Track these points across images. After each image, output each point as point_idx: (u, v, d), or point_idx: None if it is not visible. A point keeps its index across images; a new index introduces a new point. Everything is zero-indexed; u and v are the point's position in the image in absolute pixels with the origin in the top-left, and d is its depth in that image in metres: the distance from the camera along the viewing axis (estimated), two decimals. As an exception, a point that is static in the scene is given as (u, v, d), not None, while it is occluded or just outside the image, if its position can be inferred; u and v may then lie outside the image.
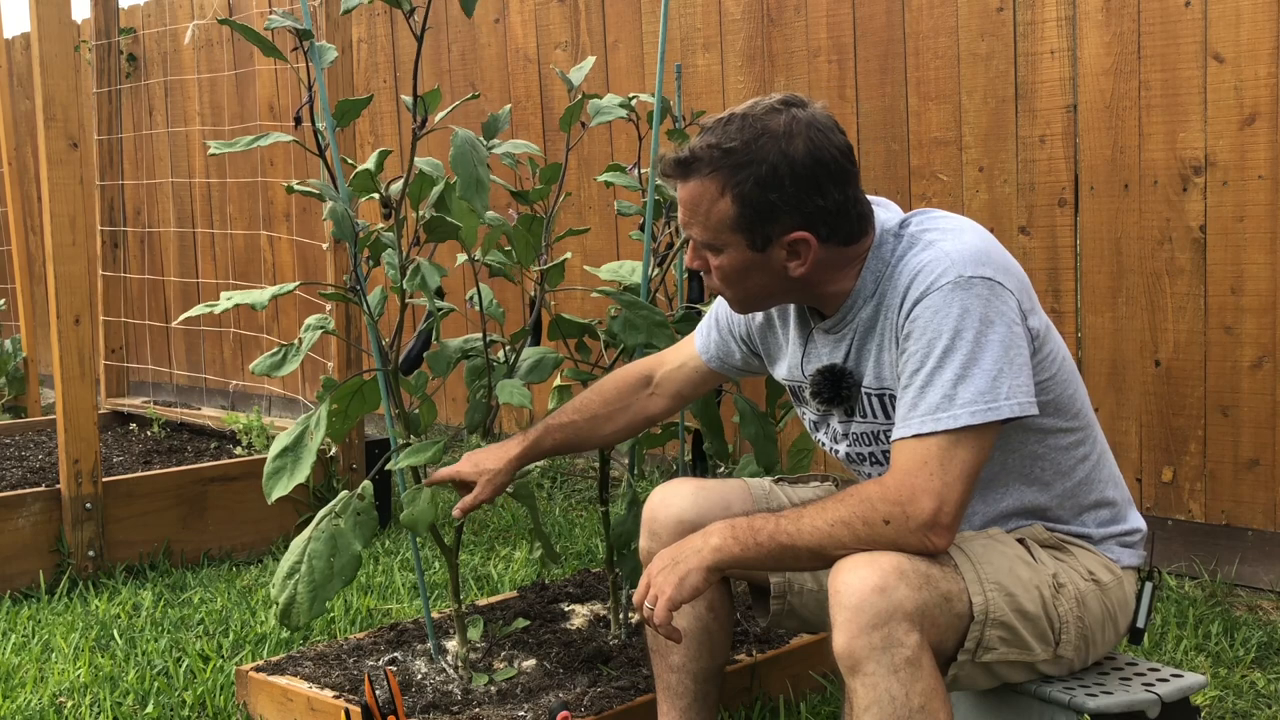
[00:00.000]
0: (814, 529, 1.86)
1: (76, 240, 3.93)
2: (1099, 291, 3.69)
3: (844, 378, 2.05)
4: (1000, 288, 1.88)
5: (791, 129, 1.91)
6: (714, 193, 1.94)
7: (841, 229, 1.96)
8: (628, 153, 4.57)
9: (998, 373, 1.84)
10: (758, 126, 1.92)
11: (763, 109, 1.94)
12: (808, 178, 1.91)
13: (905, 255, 1.96)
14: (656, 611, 1.90)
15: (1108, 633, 2.03)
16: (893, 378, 1.97)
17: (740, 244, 1.96)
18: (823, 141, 1.92)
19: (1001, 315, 1.86)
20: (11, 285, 6.28)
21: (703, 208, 1.96)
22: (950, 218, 2.01)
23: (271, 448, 2.55)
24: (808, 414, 2.18)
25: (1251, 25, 3.37)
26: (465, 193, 2.36)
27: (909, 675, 1.75)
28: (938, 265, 1.90)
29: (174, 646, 3.27)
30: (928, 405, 1.85)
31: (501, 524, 4.47)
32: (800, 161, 1.90)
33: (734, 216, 1.94)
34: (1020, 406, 1.85)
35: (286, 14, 2.55)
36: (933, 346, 1.86)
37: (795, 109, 1.94)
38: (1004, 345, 1.85)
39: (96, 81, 5.78)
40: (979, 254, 1.90)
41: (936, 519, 1.81)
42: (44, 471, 4.60)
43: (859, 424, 2.06)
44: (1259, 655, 3.06)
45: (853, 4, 4.15)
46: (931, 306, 1.87)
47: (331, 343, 4.51)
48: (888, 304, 1.96)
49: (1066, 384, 2.01)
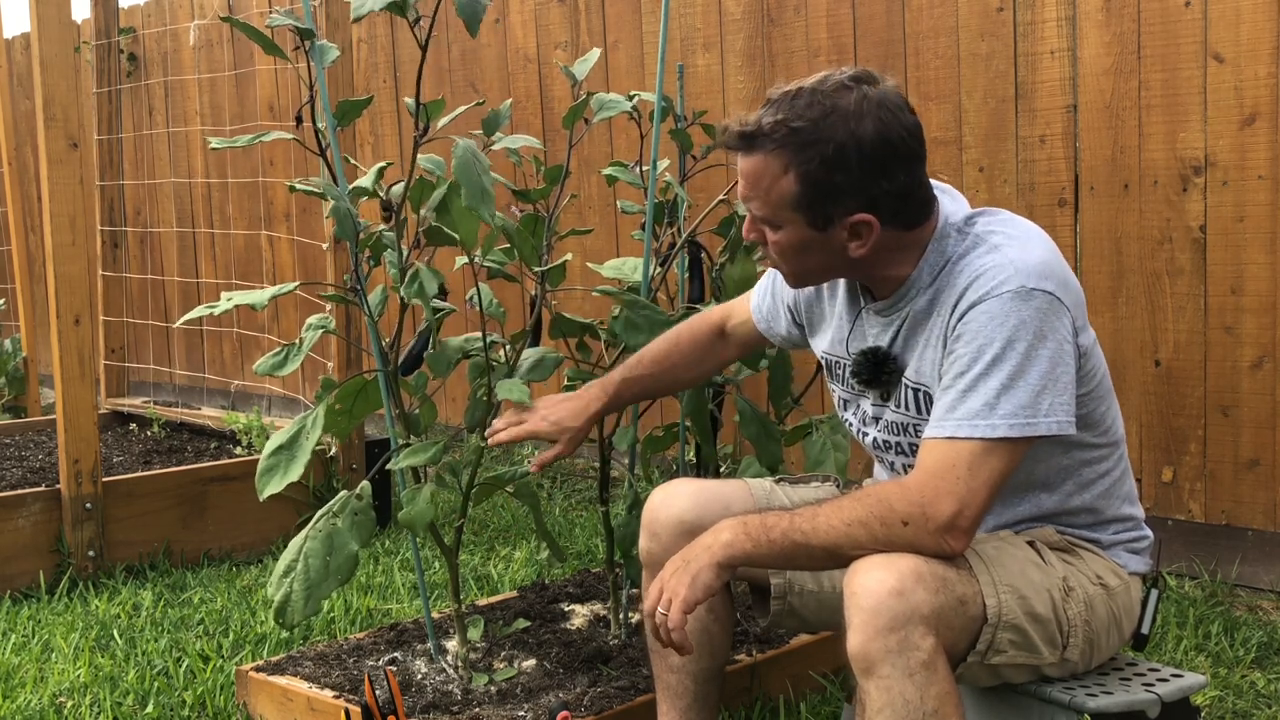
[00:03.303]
0: (830, 528, 1.84)
1: (76, 240, 3.93)
2: (1099, 291, 3.69)
3: (887, 361, 2.02)
4: (1059, 304, 1.86)
5: (862, 108, 1.86)
6: (777, 170, 1.89)
7: (905, 213, 1.93)
8: (628, 153, 4.57)
9: (1042, 389, 1.82)
10: (827, 104, 1.87)
11: (833, 85, 1.89)
12: (874, 159, 1.87)
13: (968, 254, 1.93)
14: (671, 614, 1.87)
15: (1112, 638, 2.03)
16: (932, 376, 1.95)
17: (800, 222, 1.92)
18: (892, 122, 1.88)
19: (1055, 331, 1.85)
20: (11, 285, 6.28)
21: (764, 184, 1.91)
22: (1017, 222, 1.98)
23: (267, 445, 2.55)
24: (839, 391, 2.16)
25: (1251, 25, 3.37)
26: (472, 201, 2.36)
27: (924, 679, 1.74)
28: (1000, 272, 1.87)
29: (174, 646, 3.27)
30: (968, 410, 1.83)
31: (501, 524, 4.47)
32: (869, 143, 1.86)
33: (796, 195, 1.89)
34: (1059, 425, 1.84)
35: (288, 13, 2.55)
36: (983, 352, 1.84)
37: (866, 86, 1.89)
38: (1052, 362, 1.84)
39: (96, 81, 5.78)
40: (1043, 266, 1.88)
41: (956, 522, 1.80)
42: (44, 471, 4.60)
43: (893, 413, 2.05)
44: (1259, 655, 3.06)
45: (853, 4, 4.15)
46: (988, 312, 1.85)
47: (332, 342, 4.51)
48: (943, 301, 1.93)
49: (1101, 400, 2.00)
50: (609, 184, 2.94)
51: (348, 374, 4.13)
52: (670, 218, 2.94)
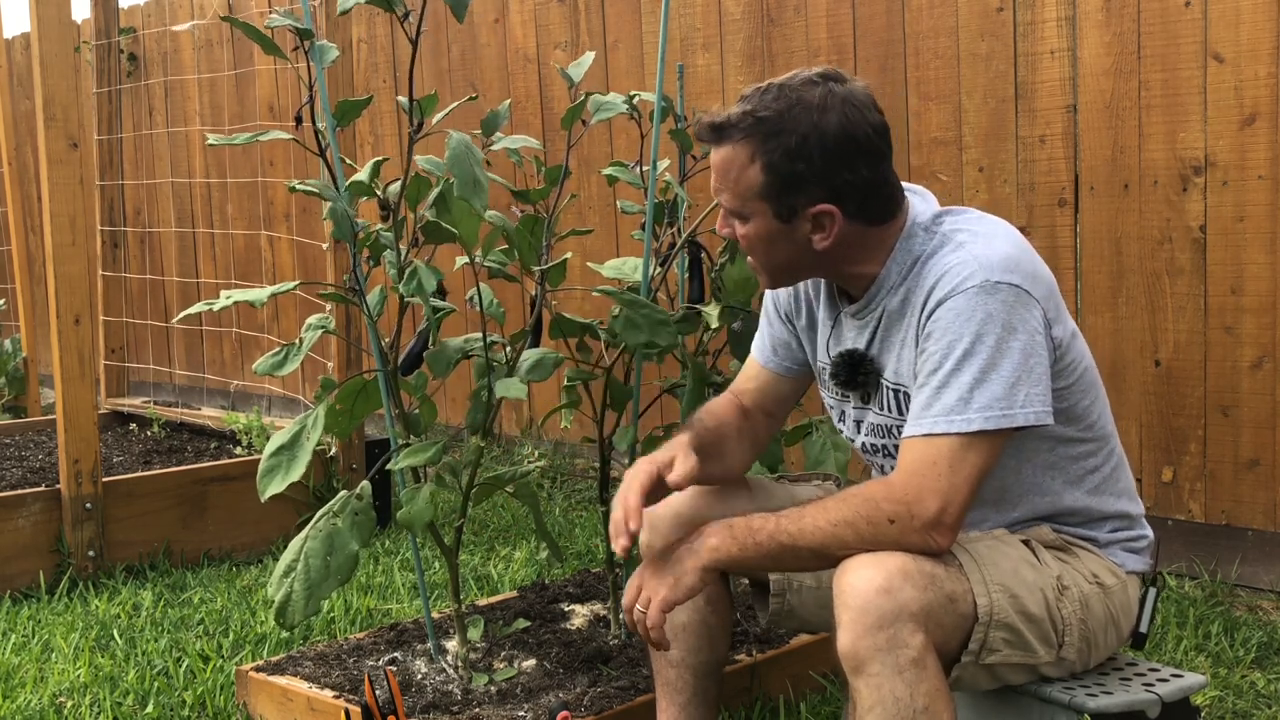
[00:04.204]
0: (816, 528, 1.85)
1: (76, 240, 3.93)
2: (1099, 291, 3.69)
3: (863, 363, 2.04)
4: (1026, 295, 1.87)
5: (827, 102, 1.91)
6: (744, 159, 1.94)
7: (869, 207, 1.96)
8: (628, 153, 4.57)
9: (1015, 380, 1.84)
10: (793, 97, 1.92)
11: (801, 80, 1.94)
12: (837, 152, 1.91)
13: (935, 254, 1.95)
14: (650, 613, 1.89)
15: (1110, 636, 2.03)
16: (909, 376, 1.97)
17: (766, 213, 1.96)
18: (857, 118, 1.92)
19: (1025, 323, 1.86)
20: (11, 285, 6.28)
21: (732, 174, 1.96)
22: (985, 220, 2.00)
23: (267, 446, 2.55)
24: (827, 398, 2.18)
25: (1251, 25, 3.37)
26: (463, 191, 2.37)
27: (914, 676, 1.75)
28: (965, 268, 1.89)
29: (174, 646, 3.27)
30: (943, 406, 1.85)
31: (501, 524, 4.47)
32: (832, 135, 1.90)
33: (761, 184, 1.94)
34: (1036, 416, 1.85)
35: (287, 13, 2.55)
36: (953, 348, 1.86)
37: (833, 83, 1.94)
38: (1025, 354, 1.85)
39: (96, 81, 5.78)
40: (1008, 260, 1.90)
41: (941, 519, 1.81)
42: (44, 471, 4.60)
43: (875, 415, 2.06)
44: (1259, 655, 3.06)
45: (853, 4, 4.15)
46: (955, 309, 1.87)
47: (331, 342, 4.51)
48: (913, 301, 1.96)
49: (1084, 394, 2.00)
50: (609, 184, 2.94)
51: (347, 374, 4.13)
52: (670, 218, 2.95)
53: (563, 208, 2.76)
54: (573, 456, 5.09)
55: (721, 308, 2.86)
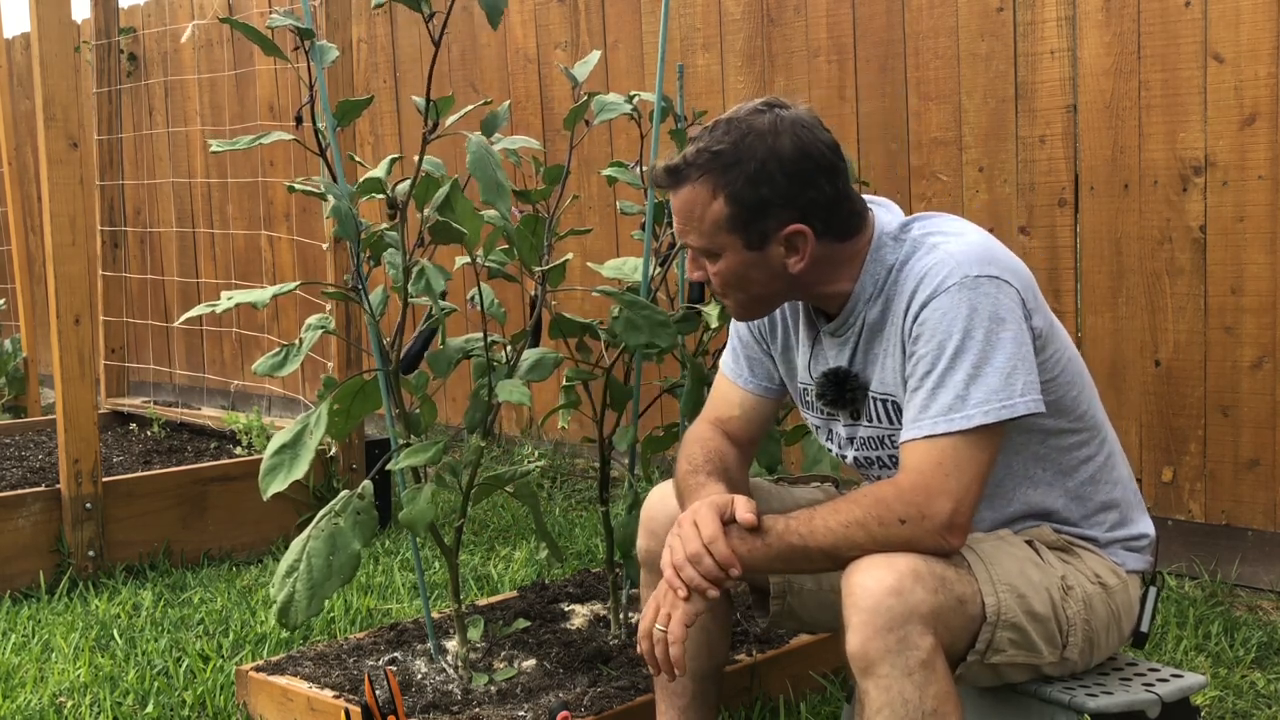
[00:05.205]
0: (827, 530, 1.85)
1: (76, 240, 3.93)
2: (1099, 291, 3.69)
3: (849, 380, 2.04)
4: (1007, 286, 1.89)
5: (777, 126, 1.93)
6: (706, 196, 1.95)
7: (836, 223, 1.96)
8: (628, 153, 4.57)
9: (1011, 370, 1.85)
10: (743, 127, 1.94)
11: (746, 111, 1.96)
12: (797, 171, 1.92)
13: (909, 259, 1.96)
14: (671, 629, 1.88)
15: (1112, 636, 2.03)
16: (896, 384, 1.97)
17: (737, 244, 1.96)
18: (809, 137, 1.94)
19: (1011, 313, 1.87)
20: (11, 285, 6.28)
21: (696, 213, 1.96)
22: (951, 220, 2.01)
23: (270, 445, 2.56)
24: (811, 419, 2.17)
25: (1251, 25, 3.37)
26: (487, 196, 2.38)
27: (923, 678, 1.75)
28: (943, 268, 1.90)
29: (174, 646, 3.27)
30: (940, 406, 1.85)
31: (501, 524, 4.47)
32: (789, 156, 1.92)
33: (728, 217, 1.94)
34: (1035, 403, 1.87)
35: (287, 13, 2.55)
36: (943, 348, 1.86)
37: (779, 109, 1.96)
38: (1016, 342, 1.86)
39: (96, 81, 5.78)
40: (984, 253, 1.91)
41: (954, 520, 1.82)
42: (44, 471, 4.60)
43: (865, 428, 2.06)
44: (1259, 655, 3.06)
45: (853, 4, 4.15)
46: (939, 308, 1.88)
47: (332, 342, 4.51)
48: (894, 309, 1.96)
49: (1071, 385, 2.01)
50: (609, 184, 2.94)
51: (347, 374, 4.13)
52: (670, 218, 2.94)
53: (564, 208, 2.77)
54: (573, 456, 5.09)
55: (721, 308, 2.86)
